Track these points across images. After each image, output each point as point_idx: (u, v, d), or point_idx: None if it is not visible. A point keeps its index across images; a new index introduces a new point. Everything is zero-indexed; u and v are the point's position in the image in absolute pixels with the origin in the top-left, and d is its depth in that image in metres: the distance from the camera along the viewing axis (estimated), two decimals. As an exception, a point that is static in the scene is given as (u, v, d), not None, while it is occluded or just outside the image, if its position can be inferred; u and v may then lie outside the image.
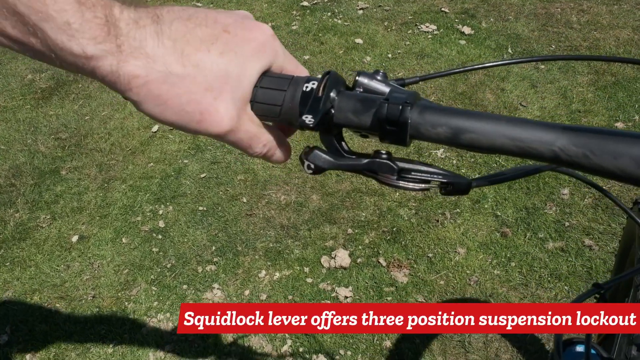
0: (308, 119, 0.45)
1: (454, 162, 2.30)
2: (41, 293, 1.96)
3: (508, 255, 1.91)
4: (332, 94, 0.46)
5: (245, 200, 2.23)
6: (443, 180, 0.46)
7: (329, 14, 3.44)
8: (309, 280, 1.91)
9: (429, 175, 0.46)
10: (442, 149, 2.36)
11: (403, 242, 2.00)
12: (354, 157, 0.48)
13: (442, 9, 3.34)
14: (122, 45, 0.39)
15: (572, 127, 0.40)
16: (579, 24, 3.06)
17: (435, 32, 3.15)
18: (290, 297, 1.86)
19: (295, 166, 2.36)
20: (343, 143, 0.49)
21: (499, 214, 2.06)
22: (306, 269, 1.94)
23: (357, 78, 0.48)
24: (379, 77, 0.48)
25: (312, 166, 0.48)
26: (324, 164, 0.48)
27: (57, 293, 1.95)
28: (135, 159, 2.51)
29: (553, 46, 2.92)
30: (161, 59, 0.40)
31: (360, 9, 3.45)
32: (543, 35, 3.02)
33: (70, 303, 1.92)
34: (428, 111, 0.43)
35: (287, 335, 1.75)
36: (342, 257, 1.96)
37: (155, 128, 2.68)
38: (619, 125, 2.37)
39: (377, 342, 1.71)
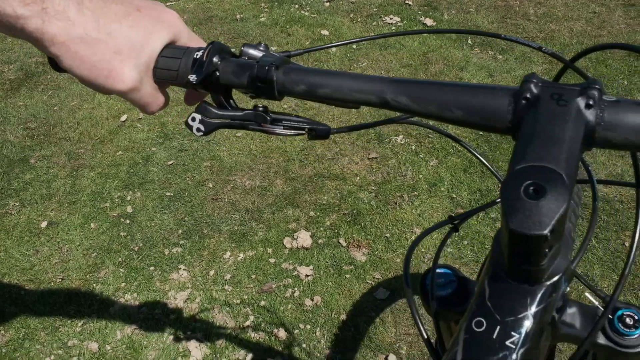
0: (192, 77, 0.56)
1: (413, 147, 2.39)
2: (10, 277, 2.01)
3: (461, 234, 2.01)
4: (215, 59, 0.56)
5: (211, 185, 2.31)
6: (308, 127, 0.57)
7: (297, 6, 3.51)
8: (272, 260, 1.99)
9: (296, 123, 0.57)
10: (402, 136, 2.45)
11: (362, 224, 2.09)
12: (238, 111, 0.58)
13: (406, 2, 3.43)
14: (47, 9, 0.48)
15: (398, 79, 0.51)
16: (535, 16, 3.18)
17: (399, 24, 3.24)
18: (253, 276, 1.94)
19: (260, 153, 2.44)
20: (231, 101, 0.59)
21: (454, 196, 2.16)
22: (269, 250, 2.03)
23: (242, 48, 0.59)
24: (260, 48, 0.59)
25: (199, 118, 0.58)
26: (210, 114, 0.57)
27: (26, 276, 2.00)
28: (104, 148, 2.57)
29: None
30: (80, 24, 0.50)
31: (327, 2, 3.53)
32: (502, 27, 3.14)
33: (39, 285, 1.97)
34: (292, 71, 0.55)
35: (249, 311, 1.83)
36: (304, 238, 2.05)
37: (124, 117, 2.73)
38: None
39: (335, 316, 1.80)
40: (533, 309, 0.45)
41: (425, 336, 0.60)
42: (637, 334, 0.59)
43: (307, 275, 1.93)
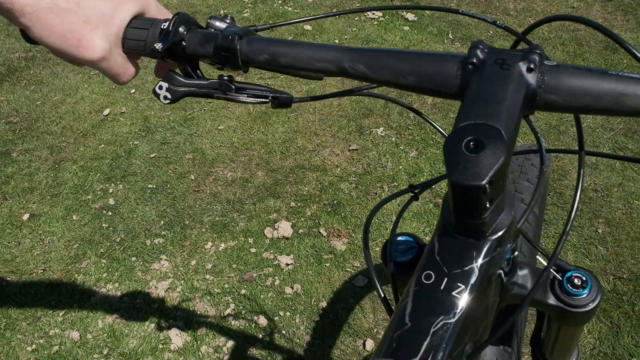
0: (158, 46, 0.58)
1: (393, 139, 2.43)
2: (-8, 268, 2.02)
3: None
4: (181, 29, 0.59)
5: (193, 177, 2.32)
6: (271, 95, 0.60)
7: (280, 1, 3.54)
8: (253, 250, 2.01)
9: (260, 92, 0.60)
10: (382, 128, 2.48)
11: (343, 214, 2.12)
12: (204, 80, 0.60)
13: (388, -3, 3.47)
14: None
15: (355, 48, 0.54)
16: (515, 10, 3.23)
17: (380, 19, 3.27)
18: (234, 265, 1.96)
19: (242, 145, 2.46)
20: (198, 71, 0.62)
21: (434, 186, 2.20)
22: (250, 240, 2.05)
23: (208, 21, 0.61)
24: (227, 20, 0.61)
25: (166, 87, 0.60)
26: (177, 83, 0.59)
27: (8, 268, 2.01)
28: (87, 141, 2.57)
29: (491, 32, 3.07)
30: None
31: (309, -3, 3.55)
32: (482, 22, 3.17)
33: (21, 277, 1.98)
34: (255, 41, 0.58)
35: (230, 299, 1.85)
36: (285, 228, 2.07)
37: (106, 112, 2.74)
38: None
39: (315, 303, 1.83)
40: (479, 261, 0.48)
41: (382, 295, 0.63)
42: (585, 294, 0.62)
43: (287, 264, 1.96)
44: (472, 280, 0.47)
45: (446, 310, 0.46)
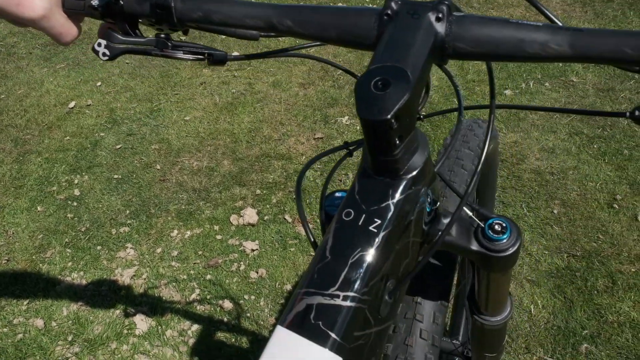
0: (95, 3, 0.61)
1: (358, 127, 2.47)
2: (-45, 260, 2.00)
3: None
4: None
5: (159, 167, 2.33)
6: (207, 52, 0.63)
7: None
8: (219, 237, 2.03)
9: (196, 49, 0.63)
10: (347, 117, 2.52)
11: (308, 200, 2.15)
12: (142, 38, 0.63)
13: (354, -10, 3.51)
14: None
15: (283, 5, 0.57)
16: (478, 3, 3.30)
17: (346, 12, 3.31)
18: (200, 252, 1.98)
19: (208, 135, 2.47)
20: (137, 31, 0.64)
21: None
22: (216, 227, 2.07)
23: None
24: None
25: (105, 44, 0.62)
26: (115, 40, 0.62)
27: (-29, 259, 2.00)
28: (52, 134, 2.56)
29: None
30: None
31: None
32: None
33: (-16, 268, 1.97)
34: (189, 1, 0.60)
35: (195, 285, 1.87)
36: (250, 215, 2.10)
37: (72, 104, 2.73)
38: (507, 92, 2.60)
39: (279, 286, 1.85)
40: (395, 198, 0.52)
41: (312, 239, 0.66)
42: (504, 239, 0.66)
43: (252, 250, 1.98)
44: (389, 215, 0.51)
45: (364, 243, 0.49)
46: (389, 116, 0.45)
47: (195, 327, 1.75)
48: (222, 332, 1.73)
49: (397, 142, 0.49)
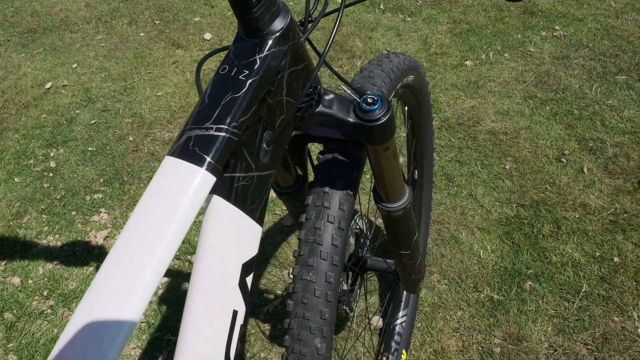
0: None
1: (324, 99, 2.57)
2: None
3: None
4: None
5: (131, 139, 2.43)
6: None
7: (220, -20, 3.64)
8: (189, 200, 2.13)
9: None
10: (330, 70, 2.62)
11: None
12: None
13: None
14: None
15: None
16: (442, -18, 3.41)
17: (316, -7, 3.42)
18: (170, 214, 2.07)
19: (179, 108, 2.57)
20: None
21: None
22: (186, 192, 2.16)
23: None
24: None
25: None
26: None
27: (-50, 227, 2.09)
28: (29, 112, 2.65)
29: (419, 1, 3.25)
30: None
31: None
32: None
33: (-37, 234, 2.06)
34: None
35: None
36: (219, 180, 2.19)
37: (48, 85, 2.81)
38: (468, 63, 2.71)
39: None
40: (261, 54, 0.62)
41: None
42: (376, 109, 0.77)
43: (221, 211, 2.07)
44: (255, 67, 0.61)
45: (234, 88, 0.60)
46: None
47: (164, 279, 1.85)
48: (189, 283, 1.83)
49: (254, 0, 0.59)
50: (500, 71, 2.62)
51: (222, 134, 0.57)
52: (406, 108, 1.34)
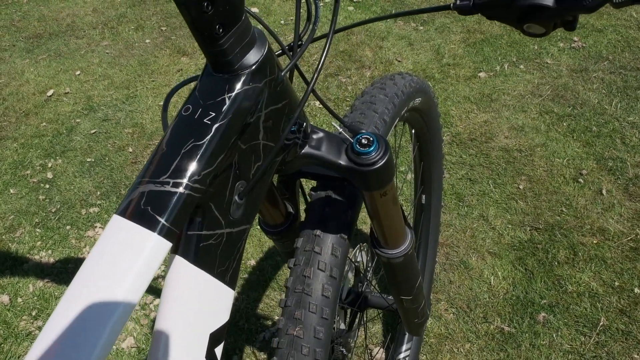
0: None
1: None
2: None
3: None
4: None
5: (131, 150, 2.35)
6: None
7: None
8: (187, 216, 2.05)
9: None
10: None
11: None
12: None
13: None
14: None
15: None
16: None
17: (326, 0, 3.33)
18: (168, 231, 1.99)
19: (181, 119, 2.49)
20: None
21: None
22: (185, 207, 2.08)
23: None
24: None
25: None
26: None
27: (-59, 240, 2.02)
28: (29, 120, 2.59)
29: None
30: None
31: (258, -18, 3.60)
32: (425, 1, 3.25)
33: (-45, 248, 1.99)
34: None
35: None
36: (219, 195, 2.11)
37: (50, 92, 2.75)
38: (482, 74, 2.60)
39: (243, 261, 1.87)
40: (231, 93, 0.53)
41: None
42: (372, 152, 0.67)
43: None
44: (223, 108, 0.52)
45: (197, 134, 0.51)
46: None
47: (158, 301, 1.76)
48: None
49: (221, 31, 0.50)
50: (515, 84, 2.51)
51: (180, 190, 0.48)
52: (413, 131, 1.24)
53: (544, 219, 1.88)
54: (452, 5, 0.61)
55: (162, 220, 0.46)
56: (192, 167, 0.49)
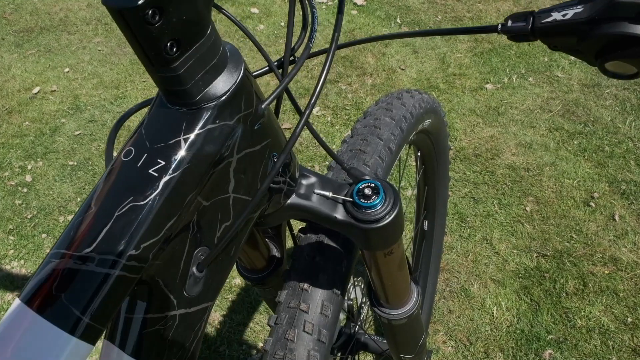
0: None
1: (329, 119, 2.35)
2: None
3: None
4: None
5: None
6: None
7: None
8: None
9: None
10: (318, 107, 2.41)
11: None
12: None
13: (339, -18, 3.40)
14: None
15: None
16: (465, -3, 3.18)
17: (329, 3, 3.21)
18: (149, 243, 1.87)
19: (171, 123, 2.36)
20: None
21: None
22: (169, 218, 1.95)
23: None
24: None
25: None
26: None
27: None
28: (11, 119, 2.46)
29: (439, 17, 3.02)
30: None
31: (260, -19, 3.47)
32: (431, 7, 3.12)
33: None
34: None
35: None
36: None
37: (36, 90, 2.63)
38: (489, 86, 2.48)
39: (227, 282, 1.74)
40: (189, 133, 0.40)
41: None
42: (377, 206, 0.53)
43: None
44: (177, 155, 0.39)
45: (138, 191, 0.37)
46: (140, 2, 0.33)
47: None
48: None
49: (174, 50, 0.37)
50: (523, 97, 2.38)
51: (109, 270, 0.35)
52: (419, 153, 1.11)
53: (551, 245, 1.75)
54: (499, 26, 0.47)
55: (81, 316, 0.33)
56: (127, 237, 0.36)
